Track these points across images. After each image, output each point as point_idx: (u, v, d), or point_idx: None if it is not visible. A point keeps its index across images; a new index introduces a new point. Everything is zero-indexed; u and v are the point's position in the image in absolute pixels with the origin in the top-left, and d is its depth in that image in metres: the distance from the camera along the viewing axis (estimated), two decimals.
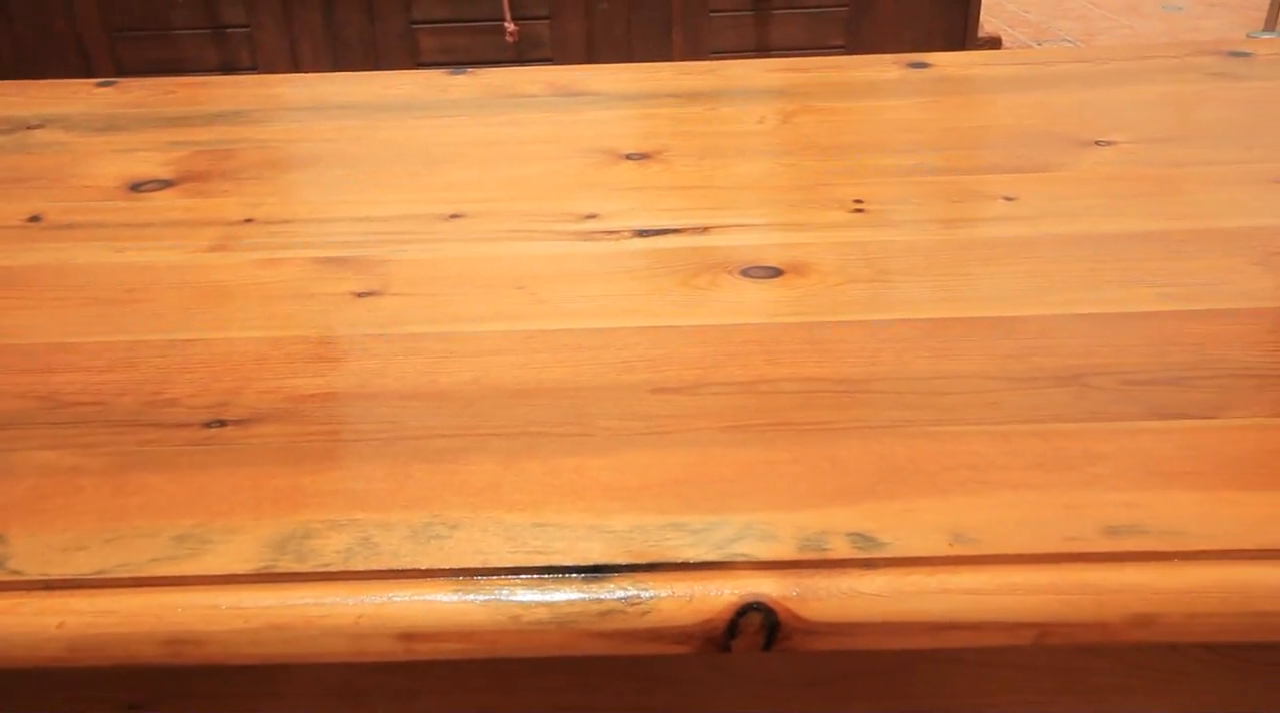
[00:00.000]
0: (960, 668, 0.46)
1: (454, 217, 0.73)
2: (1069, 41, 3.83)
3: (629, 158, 0.82)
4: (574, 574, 0.39)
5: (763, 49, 1.95)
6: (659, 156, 0.82)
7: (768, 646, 0.39)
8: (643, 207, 0.73)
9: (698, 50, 1.95)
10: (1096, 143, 0.81)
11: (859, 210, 0.72)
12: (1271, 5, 3.48)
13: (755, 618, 0.38)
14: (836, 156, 0.81)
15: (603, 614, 0.38)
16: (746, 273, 0.64)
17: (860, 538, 0.40)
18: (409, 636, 0.39)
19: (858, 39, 1.94)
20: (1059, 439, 0.46)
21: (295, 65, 1.90)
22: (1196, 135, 0.81)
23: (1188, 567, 0.39)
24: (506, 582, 0.39)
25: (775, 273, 0.63)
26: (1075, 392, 0.50)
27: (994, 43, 2.61)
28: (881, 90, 0.95)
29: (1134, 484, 0.43)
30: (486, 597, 0.39)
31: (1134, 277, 0.61)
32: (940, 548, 0.40)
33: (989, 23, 4.12)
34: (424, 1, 1.91)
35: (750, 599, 0.38)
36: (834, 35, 1.94)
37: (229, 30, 1.88)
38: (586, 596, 0.39)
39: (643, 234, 0.69)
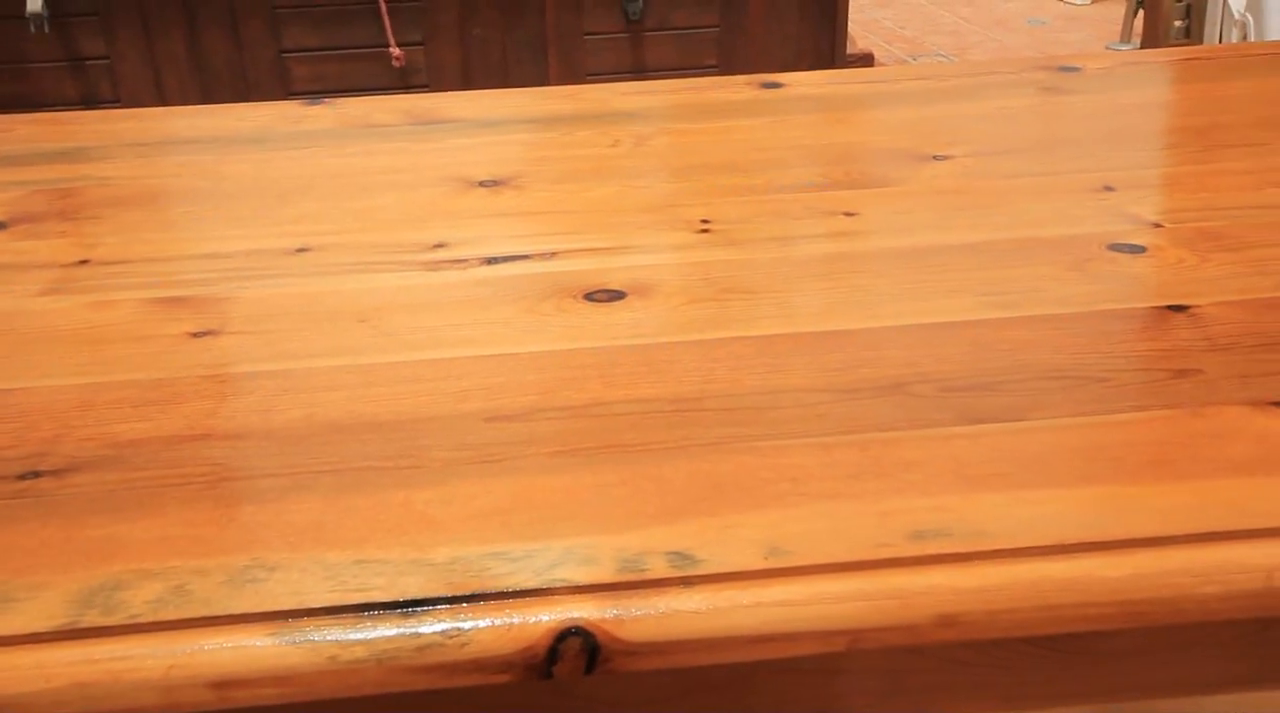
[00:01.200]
0: (797, 676, 0.47)
1: (300, 250, 0.72)
2: (943, 56, 3.97)
3: (482, 185, 0.82)
4: (391, 610, 0.39)
5: (638, 70, 1.98)
6: (512, 183, 0.82)
7: (589, 669, 0.39)
8: (493, 234, 0.74)
9: (574, 73, 1.96)
10: (934, 157, 0.84)
11: (705, 230, 0.73)
12: (1126, 19, 3.67)
13: (575, 643, 0.39)
14: (687, 177, 0.82)
15: (421, 649, 0.38)
16: (590, 297, 0.64)
17: (678, 557, 0.41)
18: (222, 684, 0.38)
19: (730, 58, 1.98)
20: (878, 448, 0.48)
21: (160, 97, 1.85)
22: (1026, 148, 0.85)
23: (987, 566, 0.40)
24: (323, 622, 0.39)
25: (619, 296, 0.64)
26: (896, 401, 0.52)
27: (866, 59, 2.70)
28: (735, 111, 0.97)
29: (943, 489, 0.45)
30: (302, 639, 0.38)
31: (959, 286, 0.63)
32: (755, 562, 0.41)
33: (865, 39, 4.24)
34: (294, 29, 1.88)
35: (569, 625, 0.39)
36: (707, 55, 1.98)
37: (88, 62, 1.82)
38: (404, 631, 0.38)
39: (491, 262, 0.69)
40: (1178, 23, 2.09)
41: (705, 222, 0.74)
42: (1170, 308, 0.59)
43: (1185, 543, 0.41)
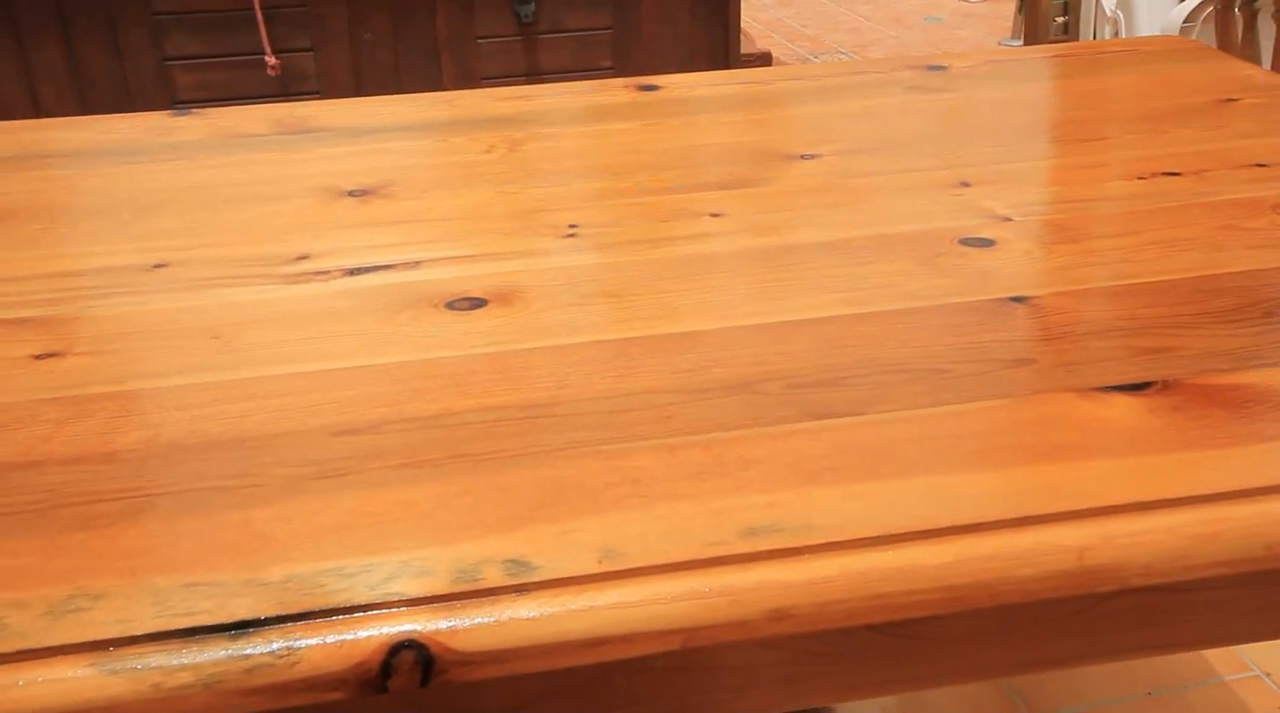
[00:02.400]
0: (652, 675, 0.47)
1: (157, 266, 0.70)
2: (843, 53, 4.04)
3: (350, 194, 0.81)
4: (219, 633, 0.38)
5: (533, 73, 1.97)
6: (382, 191, 0.82)
7: (424, 682, 0.39)
8: (357, 245, 0.73)
9: (468, 77, 1.95)
10: (802, 157, 0.86)
11: (572, 235, 0.73)
12: (1016, 16, 3.78)
13: (408, 656, 0.39)
14: (557, 182, 0.83)
15: (250, 671, 0.38)
16: (451, 305, 0.64)
17: (514, 565, 0.41)
18: None
19: (625, 60, 1.99)
20: (720, 448, 0.49)
21: (37, 109, 1.79)
22: (890, 146, 0.87)
23: (816, 559, 0.41)
24: (146, 649, 0.38)
25: (480, 303, 0.64)
26: (743, 400, 0.53)
27: (764, 58, 2.73)
28: (611, 114, 0.97)
29: (780, 485, 0.46)
30: (124, 667, 0.37)
31: (816, 284, 0.65)
32: (590, 566, 0.41)
33: (767, 38, 4.30)
34: (177, 37, 1.83)
35: (402, 638, 0.39)
36: (601, 58, 1.98)
37: None
38: (232, 653, 0.38)
39: (353, 273, 0.69)
40: (1057, 20, 2.16)
41: (573, 226, 0.75)
42: (1012, 300, 0.62)
43: (1003, 528, 0.43)
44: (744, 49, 2.63)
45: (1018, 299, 0.62)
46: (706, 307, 0.63)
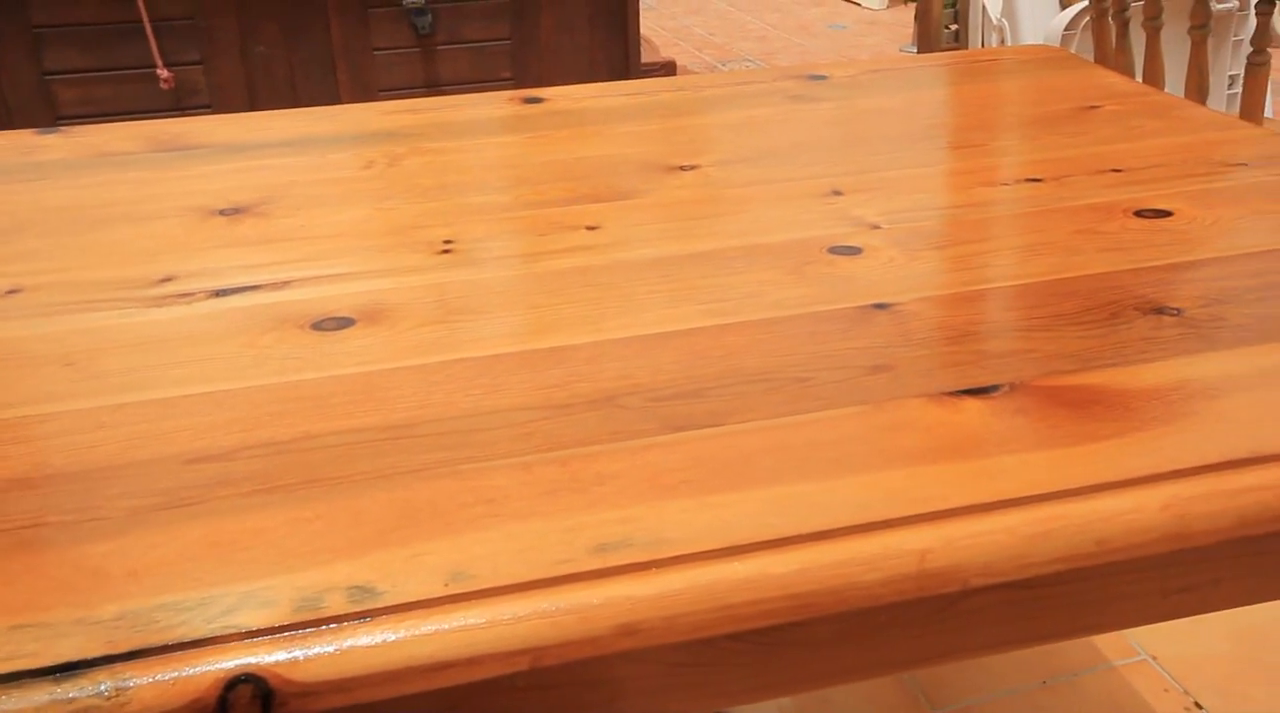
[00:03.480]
0: (513, 694, 0.47)
1: (11, 292, 0.68)
2: (750, 61, 4.10)
3: (222, 214, 0.79)
4: (43, 676, 0.37)
5: (432, 85, 1.95)
6: (255, 210, 0.80)
7: None
8: (226, 265, 0.71)
9: (365, 89, 1.93)
10: (680, 168, 0.86)
11: (446, 251, 0.73)
12: (916, 23, 3.86)
13: (246, 690, 0.38)
14: (435, 197, 0.82)
15: None
16: (318, 326, 0.63)
17: (358, 591, 0.41)
18: None
19: (525, 71, 1.98)
20: (578, 464, 0.49)
21: None
22: (767, 156, 0.88)
23: (665, 573, 0.42)
24: None
25: (347, 323, 0.63)
26: (605, 414, 0.53)
27: (668, 67, 2.75)
28: (493, 128, 0.97)
29: (634, 500, 0.46)
30: None
31: (685, 296, 0.65)
32: (436, 590, 0.41)
33: (675, 46, 4.33)
34: (58, 50, 1.77)
35: (239, 672, 0.38)
36: (501, 69, 1.97)
37: None
38: (56, 697, 0.37)
39: (219, 294, 0.67)
40: (948, 28, 2.22)
41: (448, 242, 0.74)
42: (875, 307, 0.63)
43: (849, 535, 0.43)
44: (648, 58, 2.65)
45: (880, 306, 0.63)
46: (576, 321, 0.63)
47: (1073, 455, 0.48)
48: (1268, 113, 2.36)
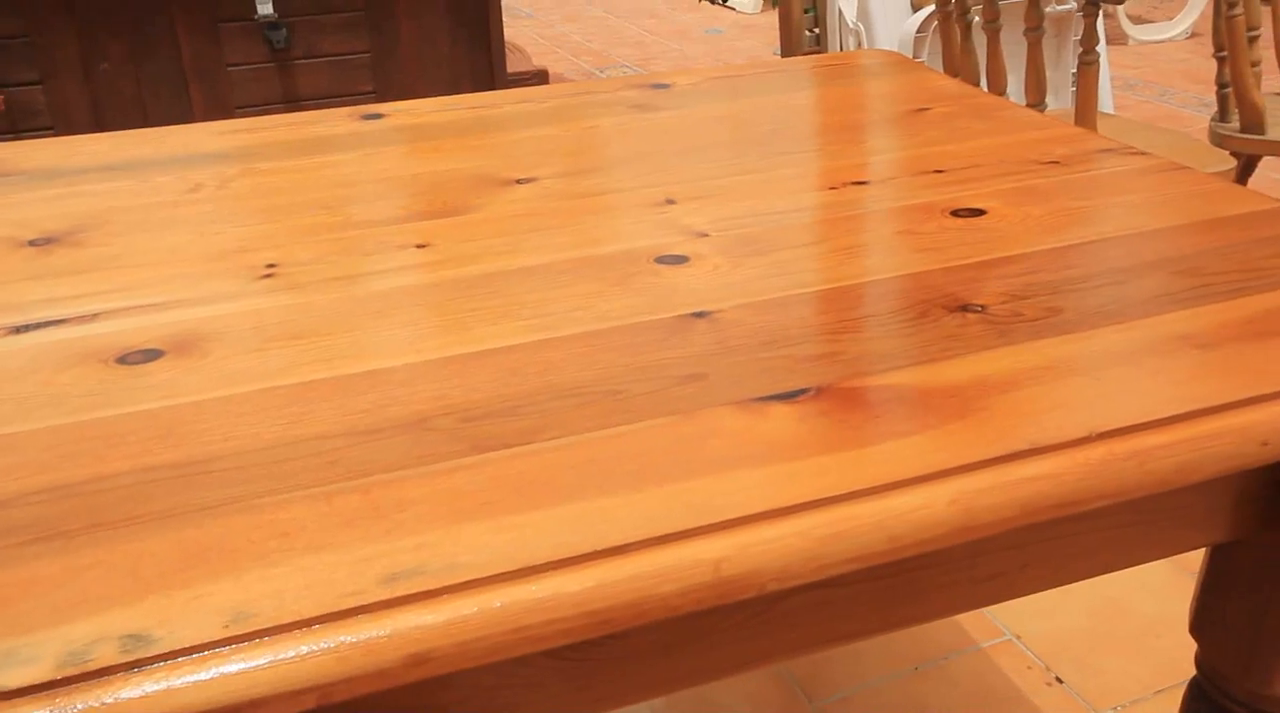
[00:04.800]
0: None
1: None
2: (628, 67, 4.12)
3: (32, 244, 0.76)
4: None
5: (291, 100, 1.91)
6: (69, 239, 0.77)
7: None
8: (31, 299, 0.68)
9: (221, 107, 1.87)
10: (518, 181, 0.86)
11: (269, 275, 0.71)
12: None
13: None
14: (263, 219, 0.80)
15: None
16: (123, 360, 0.61)
17: (132, 640, 0.39)
18: None
19: (387, 84, 1.95)
20: (380, 491, 0.48)
21: None
22: (605, 166, 0.88)
23: (456, 599, 0.41)
24: None
25: (155, 356, 0.61)
26: (414, 438, 0.52)
27: (540, 76, 2.74)
28: (329, 146, 0.95)
29: (432, 525, 0.45)
30: None
31: (509, 312, 0.65)
32: (215, 633, 0.39)
33: (553, 54, 4.33)
34: None
35: None
36: (362, 82, 1.94)
37: None
38: None
39: (19, 331, 0.64)
40: (809, 31, 2.27)
41: (271, 266, 0.72)
42: (695, 315, 0.64)
43: (645, 548, 0.44)
44: (519, 67, 2.64)
45: (700, 314, 0.64)
46: (395, 343, 0.62)
47: (869, 456, 0.49)
48: (1110, 108, 2.47)
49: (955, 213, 0.77)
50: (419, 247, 0.75)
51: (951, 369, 0.56)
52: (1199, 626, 0.70)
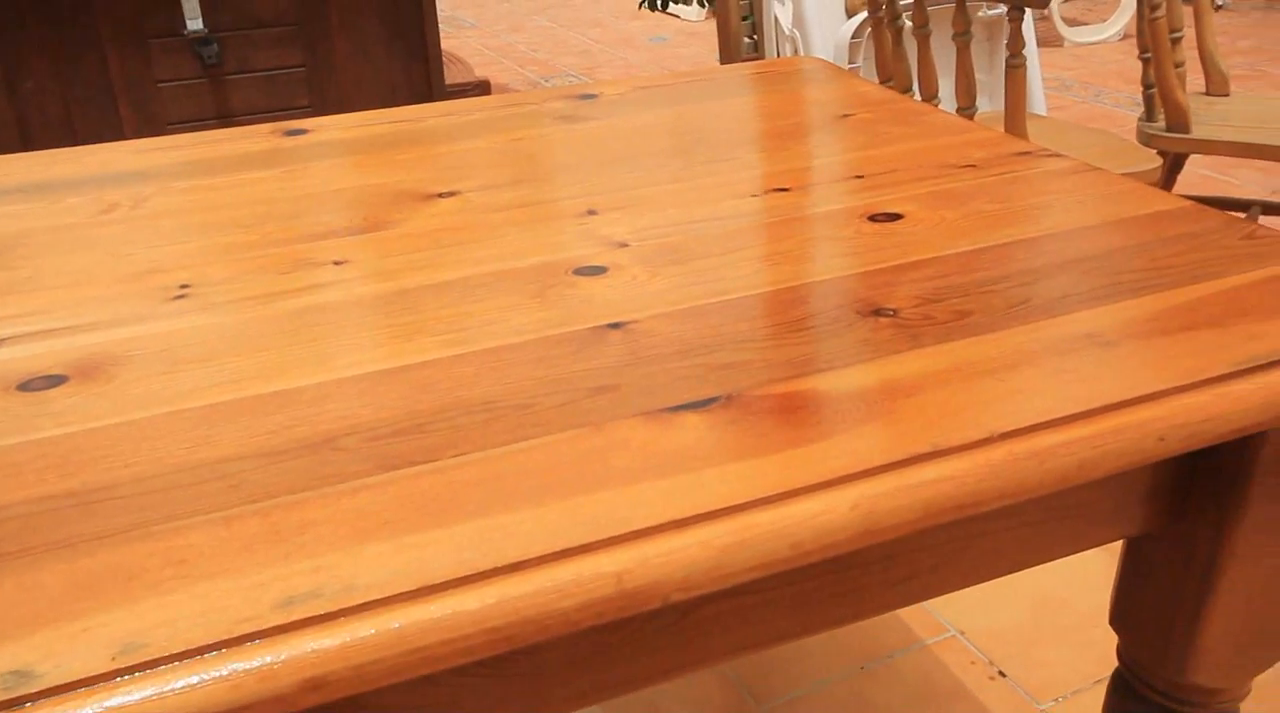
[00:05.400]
0: None
1: None
2: (573, 76, 4.12)
3: None
4: None
5: (224, 116, 1.89)
6: None
7: None
8: None
9: (152, 123, 1.84)
10: (440, 195, 0.86)
11: (182, 296, 0.70)
12: None
13: None
14: (178, 239, 0.79)
15: None
16: (25, 386, 0.59)
17: (15, 676, 0.38)
18: None
19: (323, 98, 1.94)
20: (281, 514, 0.47)
21: None
22: (529, 178, 0.88)
23: (352, 622, 0.41)
24: None
25: (59, 381, 0.60)
26: (321, 458, 0.52)
27: (482, 87, 2.73)
28: (250, 163, 0.94)
29: (332, 547, 0.45)
30: None
31: (424, 328, 0.64)
32: (102, 665, 0.39)
33: (498, 64, 4.32)
34: None
35: None
36: (297, 96, 1.92)
37: None
38: None
39: None
40: (748, 39, 2.29)
41: (184, 287, 0.71)
42: (610, 326, 0.64)
43: (545, 563, 0.43)
44: (461, 78, 2.63)
45: (615, 325, 0.64)
46: (305, 362, 0.61)
47: (774, 463, 0.49)
48: (1041, 109, 2.52)
49: (873, 218, 0.78)
50: (336, 263, 0.74)
51: (861, 374, 0.57)
52: (1118, 619, 0.71)
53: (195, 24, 1.76)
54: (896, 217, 0.78)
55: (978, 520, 0.59)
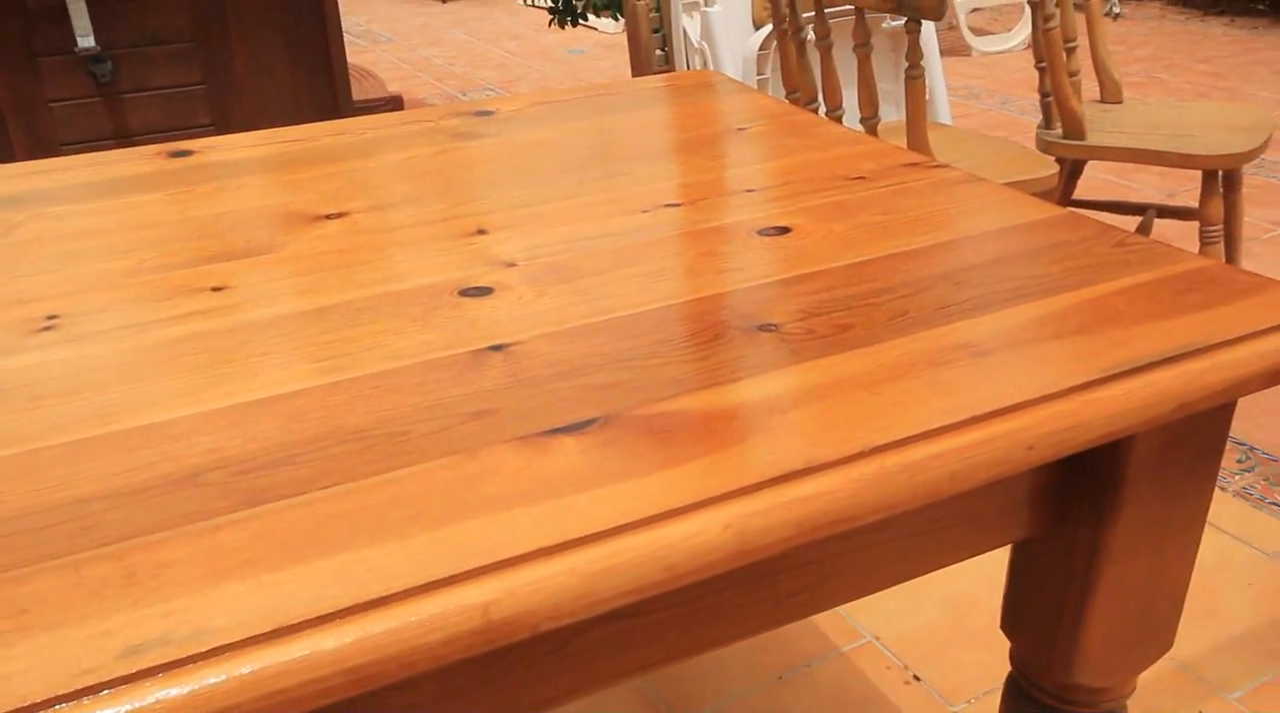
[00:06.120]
0: None
1: None
2: (491, 90, 4.10)
3: None
4: None
5: (122, 136, 1.83)
6: None
7: None
8: None
9: (45, 144, 1.78)
10: (327, 216, 0.84)
11: (49, 328, 0.67)
12: None
13: None
14: (49, 267, 0.76)
15: None
16: None
17: None
18: None
19: (225, 116, 1.89)
20: (137, 555, 0.45)
21: None
22: (421, 197, 0.87)
23: (202, 668, 0.39)
24: None
25: None
26: (184, 495, 0.50)
27: (395, 102, 2.70)
28: (131, 187, 0.91)
29: (186, 589, 0.43)
30: None
31: (301, 355, 0.63)
32: None
33: (414, 78, 4.28)
34: None
35: None
36: (198, 114, 1.88)
37: None
38: None
39: None
40: (659, 51, 2.30)
41: (52, 317, 0.69)
42: (492, 349, 0.63)
43: (407, 597, 0.42)
44: (371, 94, 2.59)
45: (497, 347, 0.63)
46: (177, 394, 0.59)
47: (648, 485, 0.49)
48: (946, 118, 2.57)
49: (761, 232, 0.78)
50: (215, 290, 0.72)
51: (740, 391, 0.57)
52: (1009, 623, 0.73)
53: (86, 41, 1.71)
54: (785, 230, 0.78)
55: (863, 532, 0.60)
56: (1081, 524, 0.65)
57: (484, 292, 0.70)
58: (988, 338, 0.61)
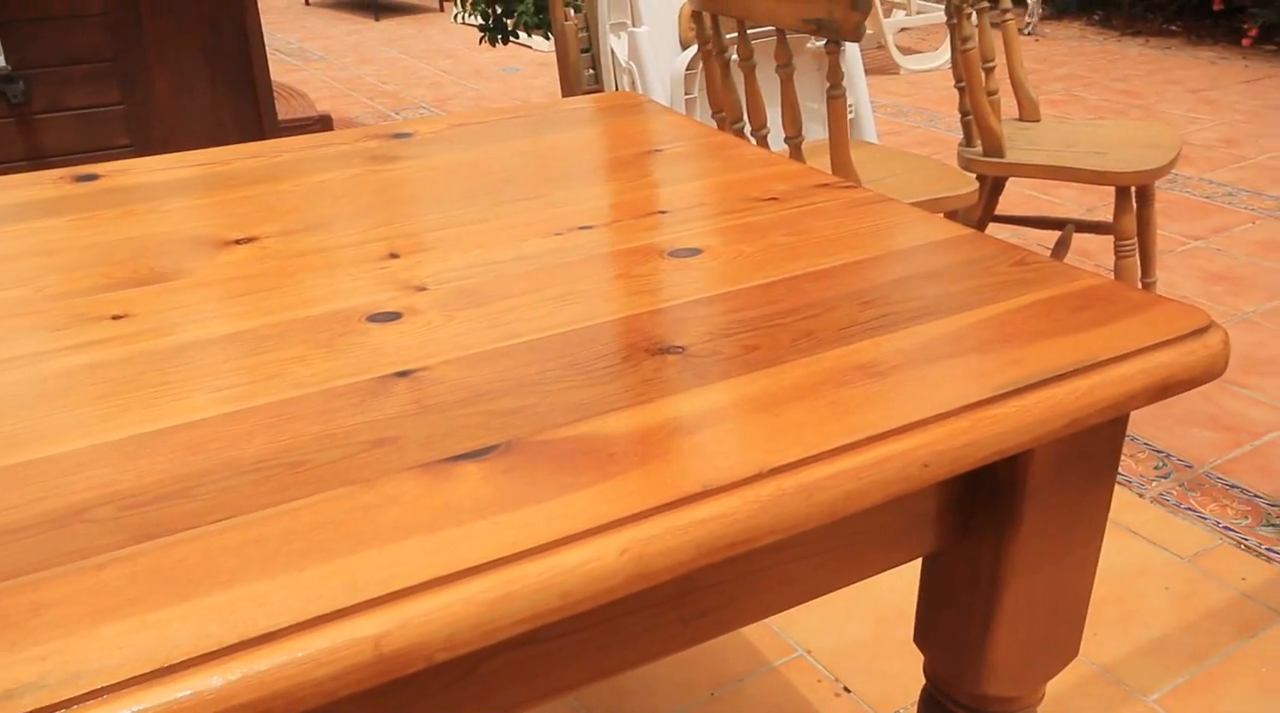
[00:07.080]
0: None
1: None
2: (425, 108, 4.08)
3: None
4: None
5: (36, 158, 1.79)
6: None
7: None
8: None
9: None
10: (237, 241, 0.83)
11: None
12: None
13: None
14: None
15: None
16: None
17: None
18: None
19: (145, 137, 1.86)
20: (15, 596, 0.44)
21: None
22: (331, 222, 0.86)
23: (80, 711, 0.38)
24: None
25: None
26: (68, 533, 0.49)
27: (324, 121, 2.68)
28: (35, 211, 0.89)
29: (66, 630, 0.42)
30: None
31: (201, 384, 0.62)
32: None
33: (347, 97, 4.24)
34: None
35: None
36: (116, 135, 1.84)
37: None
38: None
39: None
40: (588, 71, 2.31)
41: None
42: (397, 375, 0.62)
43: (296, 632, 0.42)
44: (299, 113, 2.56)
45: (402, 374, 0.62)
46: (68, 427, 0.58)
47: (546, 511, 0.49)
48: (871, 135, 2.62)
49: (673, 253, 0.79)
50: (115, 318, 0.71)
51: (643, 415, 0.57)
52: (921, 636, 0.74)
53: None
54: (696, 251, 0.79)
55: (769, 551, 0.60)
56: (985, 538, 0.66)
57: (392, 317, 0.70)
58: (888, 357, 0.62)
